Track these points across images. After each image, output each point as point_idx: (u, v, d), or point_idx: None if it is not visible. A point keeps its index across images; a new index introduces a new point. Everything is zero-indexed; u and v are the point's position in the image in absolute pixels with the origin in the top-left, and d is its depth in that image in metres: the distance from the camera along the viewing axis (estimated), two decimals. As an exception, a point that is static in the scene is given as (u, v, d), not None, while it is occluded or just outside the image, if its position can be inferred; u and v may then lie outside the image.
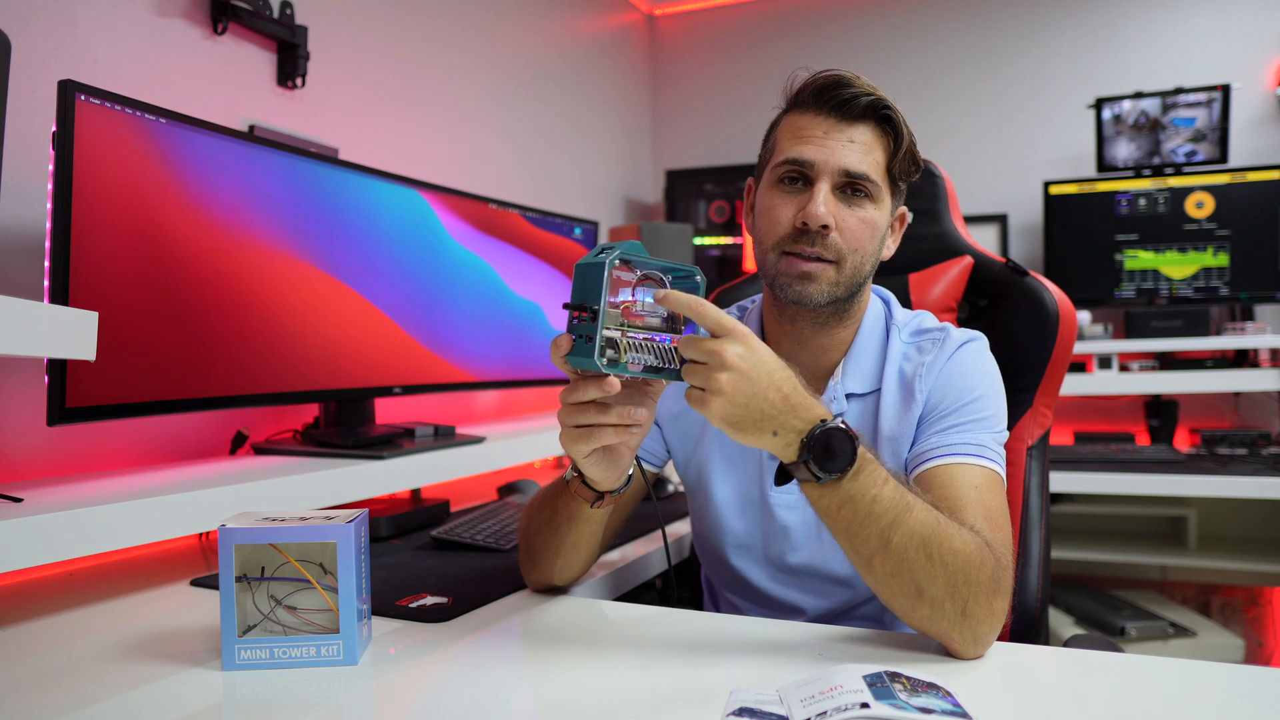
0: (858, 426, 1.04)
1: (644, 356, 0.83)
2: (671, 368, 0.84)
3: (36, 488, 1.19)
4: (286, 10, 1.76)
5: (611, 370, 0.81)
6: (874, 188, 0.99)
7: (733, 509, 1.12)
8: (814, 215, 0.96)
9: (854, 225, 0.98)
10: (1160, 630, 2.40)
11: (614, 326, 0.81)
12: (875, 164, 0.99)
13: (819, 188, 0.97)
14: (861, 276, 1.01)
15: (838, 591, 1.10)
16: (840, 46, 3.32)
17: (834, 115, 0.99)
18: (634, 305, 0.83)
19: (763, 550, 1.12)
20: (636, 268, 0.83)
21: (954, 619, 0.82)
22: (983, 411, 1.00)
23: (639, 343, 0.83)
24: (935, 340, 1.05)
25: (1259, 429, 2.67)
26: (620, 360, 0.81)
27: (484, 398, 2.37)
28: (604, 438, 0.85)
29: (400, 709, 0.79)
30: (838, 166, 0.97)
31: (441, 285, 1.77)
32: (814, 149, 0.98)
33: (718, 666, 0.86)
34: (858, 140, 0.99)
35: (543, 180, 2.75)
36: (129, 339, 1.20)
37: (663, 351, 0.84)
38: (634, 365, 0.82)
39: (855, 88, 0.99)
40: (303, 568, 0.87)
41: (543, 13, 2.78)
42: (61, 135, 1.10)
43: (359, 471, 1.40)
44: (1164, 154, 2.80)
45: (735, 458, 1.12)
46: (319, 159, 1.51)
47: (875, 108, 0.99)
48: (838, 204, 0.98)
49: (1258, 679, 0.82)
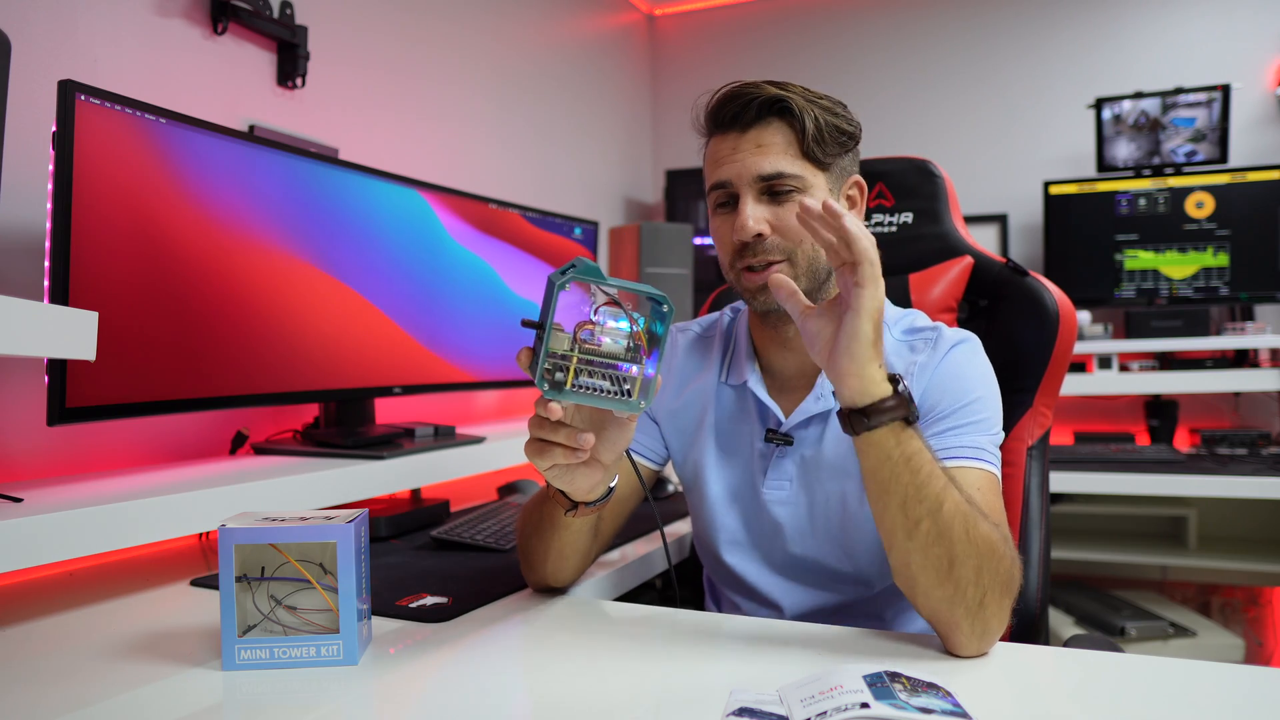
0: None
1: (595, 381, 0.80)
2: (623, 397, 0.81)
3: (36, 488, 1.19)
4: (286, 10, 1.76)
5: (553, 395, 0.79)
6: (795, 180, 1.00)
7: (725, 504, 1.12)
8: (741, 229, 0.99)
9: (790, 222, 0.99)
10: (1160, 630, 2.40)
11: (565, 349, 0.79)
12: (790, 157, 1.00)
13: (742, 201, 1.00)
14: (821, 262, 1.02)
15: (832, 588, 1.10)
16: (840, 46, 3.32)
17: (735, 129, 1.01)
18: (595, 328, 0.80)
19: (755, 546, 1.12)
20: (602, 289, 0.80)
21: (972, 606, 0.82)
22: (979, 414, 1.00)
23: (591, 368, 0.80)
24: (928, 340, 1.05)
25: (1259, 429, 2.67)
26: (565, 385, 0.79)
27: (484, 398, 2.37)
28: (554, 456, 0.84)
29: (400, 709, 0.79)
30: (751, 176, 1.00)
31: (441, 285, 1.77)
32: (727, 168, 1.01)
33: (718, 666, 0.86)
34: (765, 142, 1.00)
35: (543, 180, 2.75)
36: (129, 339, 1.20)
37: (617, 378, 0.81)
38: (580, 390, 0.80)
39: (744, 96, 1.00)
40: (303, 568, 0.87)
41: (543, 13, 2.78)
42: (61, 135, 1.10)
43: (359, 471, 1.40)
44: (1164, 154, 2.80)
45: (729, 453, 1.13)
46: (319, 159, 1.51)
47: (769, 106, 1.00)
48: (768, 207, 1.00)
49: (1258, 679, 0.82)
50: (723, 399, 1.14)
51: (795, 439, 1.07)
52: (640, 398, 0.81)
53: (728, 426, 1.13)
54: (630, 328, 0.81)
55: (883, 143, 3.18)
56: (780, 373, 1.10)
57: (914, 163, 1.47)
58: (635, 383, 0.81)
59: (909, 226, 1.46)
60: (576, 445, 0.83)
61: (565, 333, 0.79)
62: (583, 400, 0.80)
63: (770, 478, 1.09)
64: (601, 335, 0.81)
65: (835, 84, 3.33)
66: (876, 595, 1.10)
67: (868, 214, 1.49)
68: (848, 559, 1.07)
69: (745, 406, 1.12)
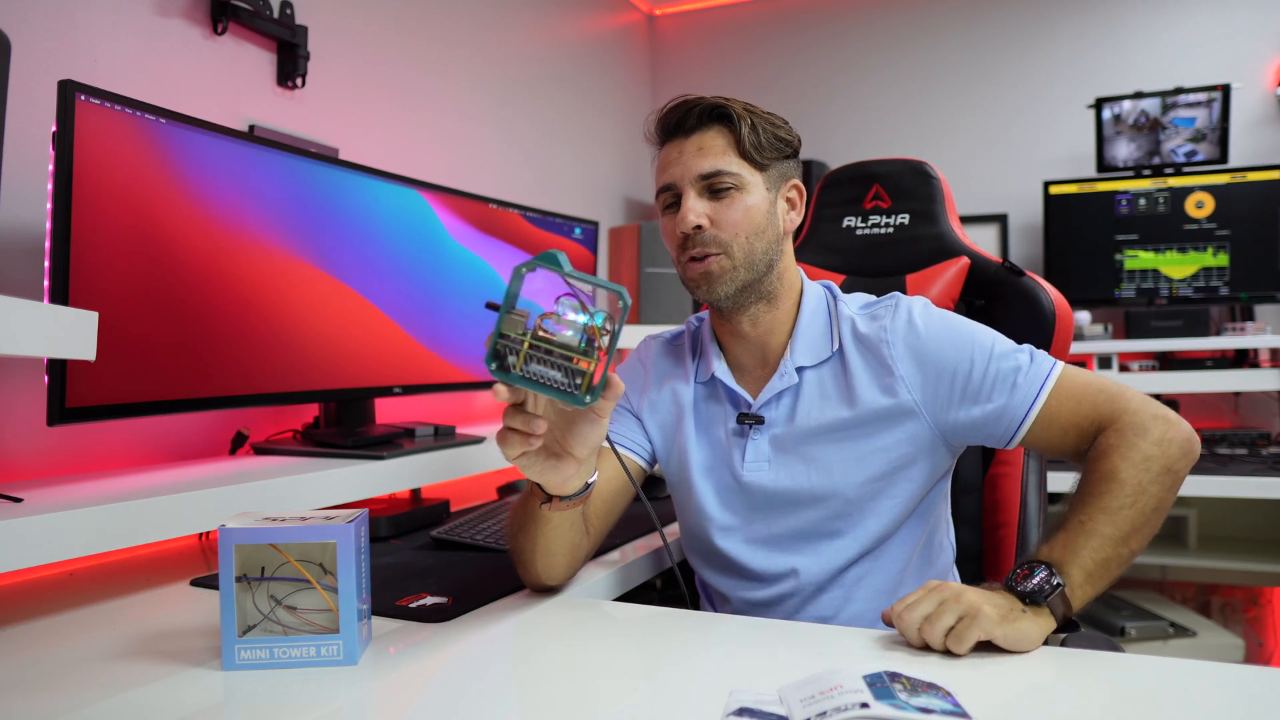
0: (825, 389, 1.11)
1: (545, 370, 0.80)
2: (570, 391, 0.81)
3: (36, 488, 1.19)
4: (286, 10, 1.76)
5: (499, 376, 0.80)
6: (733, 178, 1.07)
7: (711, 492, 1.16)
8: (682, 220, 1.07)
9: (729, 216, 1.07)
10: (1160, 630, 2.40)
11: (517, 334, 0.80)
12: (728, 158, 1.07)
13: (684, 198, 1.08)
14: (757, 255, 1.08)
15: (834, 551, 1.11)
16: (839, 46, 3.32)
17: (679, 136, 1.10)
18: (554, 318, 0.81)
19: (746, 527, 1.14)
20: (566, 278, 0.81)
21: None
22: (995, 344, 1.07)
23: (542, 356, 0.80)
24: (888, 307, 1.12)
25: (1259, 429, 2.67)
26: (513, 370, 0.80)
27: (484, 398, 2.37)
28: (514, 443, 0.86)
29: (400, 709, 0.79)
30: (692, 174, 1.08)
31: (441, 285, 1.77)
32: (672, 171, 1.09)
33: (718, 666, 0.86)
34: (706, 146, 1.08)
35: (543, 180, 2.75)
36: (129, 339, 1.20)
37: (570, 370, 0.81)
38: (528, 377, 0.80)
39: (687, 105, 1.09)
40: (303, 568, 0.87)
41: (543, 13, 2.78)
42: (61, 135, 1.10)
43: (359, 471, 1.40)
44: (1164, 154, 2.80)
45: (708, 442, 1.17)
46: (319, 159, 1.51)
47: (709, 113, 1.08)
48: (708, 203, 1.08)
49: (1258, 679, 0.82)
50: (698, 396, 1.19)
51: (766, 419, 1.12)
52: (587, 394, 0.81)
53: (705, 419, 1.18)
54: (586, 320, 0.81)
55: (882, 143, 3.19)
56: (744, 361, 1.16)
57: (910, 164, 1.47)
58: (586, 377, 0.81)
59: (905, 227, 1.46)
60: (527, 430, 0.84)
61: (520, 318, 0.80)
62: (528, 386, 0.81)
63: (749, 458, 1.13)
64: (560, 326, 0.81)
65: (835, 84, 3.34)
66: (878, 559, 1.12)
67: (864, 215, 1.50)
68: (842, 520, 1.10)
69: (716, 396, 1.18)
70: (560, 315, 0.81)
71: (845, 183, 1.51)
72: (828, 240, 1.51)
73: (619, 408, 1.23)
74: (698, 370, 1.20)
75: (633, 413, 1.23)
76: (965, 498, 1.38)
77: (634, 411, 1.23)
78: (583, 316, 0.81)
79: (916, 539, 1.14)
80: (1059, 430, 1.03)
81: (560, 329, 0.81)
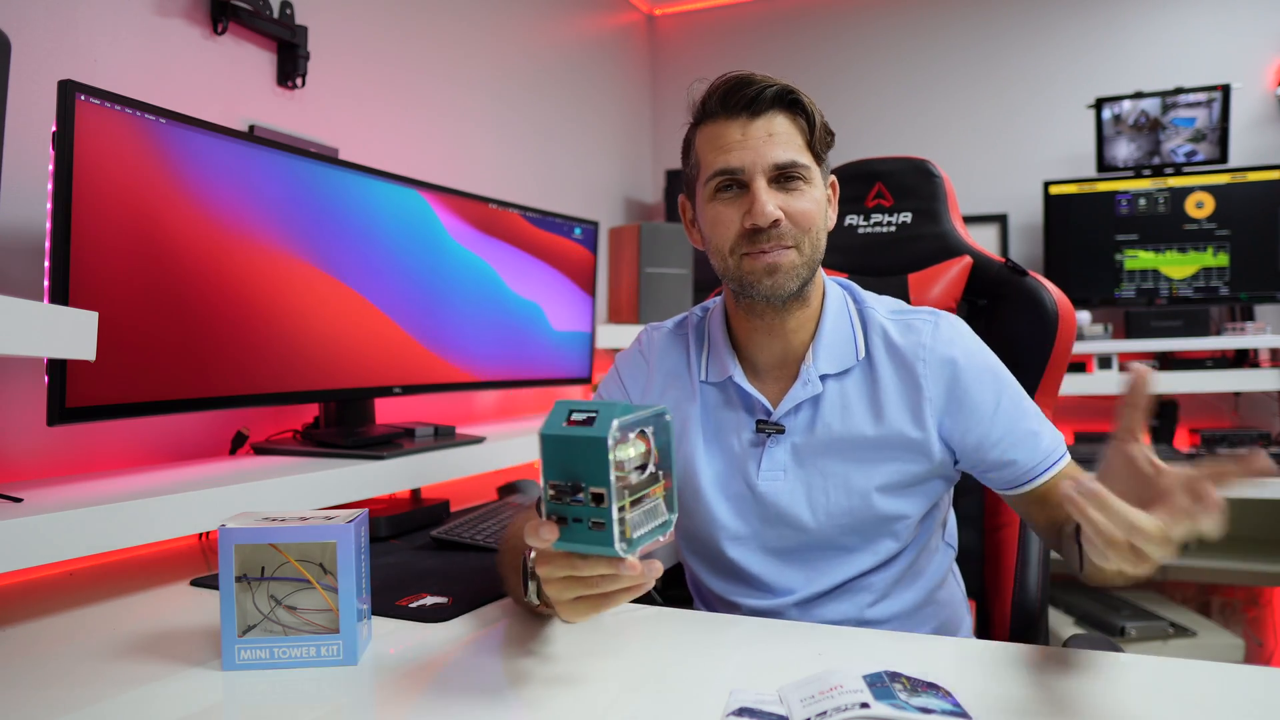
0: (848, 401, 1.06)
1: (644, 521, 0.76)
2: (668, 519, 0.78)
3: (36, 488, 1.19)
4: (286, 10, 1.76)
5: (627, 552, 0.72)
6: (805, 170, 1.02)
7: (722, 500, 1.11)
8: (762, 214, 0.99)
9: (800, 208, 1.02)
10: (1160, 630, 2.40)
11: (619, 503, 0.72)
12: (798, 147, 1.02)
13: (756, 187, 1.00)
14: (820, 252, 1.05)
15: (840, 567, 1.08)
16: (840, 47, 3.32)
17: (745, 114, 1.01)
18: (620, 469, 0.73)
19: (757, 537, 1.10)
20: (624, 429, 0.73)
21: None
22: (1025, 395, 1.06)
23: (641, 510, 0.75)
24: (926, 320, 1.07)
25: (1259, 429, 2.67)
26: (631, 538, 0.73)
27: (484, 398, 2.37)
28: (614, 601, 0.77)
29: (400, 709, 0.79)
30: (767, 163, 1.00)
31: (441, 285, 1.77)
32: (738, 154, 1.01)
33: (718, 666, 0.86)
34: (775, 131, 1.01)
35: (543, 180, 2.75)
36: (129, 339, 1.20)
37: (656, 507, 0.77)
38: (641, 540, 0.74)
39: (757, 83, 1.01)
40: (303, 568, 0.87)
41: (543, 13, 2.78)
42: (61, 135, 1.10)
43: (359, 471, 1.40)
44: (1164, 154, 2.80)
45: (719, 448, 1.11)
46: (319, 159, 1.51)
47: (781, 97, 1.01)
48: (778, 195, 1.01)
49: (1258, 679, 0.82)
50: (706, 396, 1.13)
51: (786, 427, 1.08)
52: (671, 512, 0.79)
53: (714, 423, 1.12)
54: (644, 447, 0.77)
55: (883, 142, 3.19)
56: (761, 362, 1.10)
57: (913, 162, 1.47)
58: (663, 497, 0.79)
59: (908, 226, 1.46)
60: (649, 580, 0.75)
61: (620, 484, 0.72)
62: (645, 543, 0.74)
63: (765, 467, 1.08)
64: (627, 471, 0.74)
65: (835, 84, 3.34)
66: (884, 567, 1.09)
67: (866, 214, 1.49)
68: (857, 536, 1.07)
69: (730, 400, 1.11)
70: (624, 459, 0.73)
71: (848, 181, 1.51)
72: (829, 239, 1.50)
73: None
74: (705, 368, 1.13)
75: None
76: (965, 498, 1.38)
77: None
78: (639, 445, 0.76)
79: (924, 543, 1.12)
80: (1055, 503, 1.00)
81: (629, 473, 0.74)
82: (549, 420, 0.73)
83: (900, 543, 1.08)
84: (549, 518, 0.73)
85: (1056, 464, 1.03)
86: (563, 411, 0.73)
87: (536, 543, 0.74)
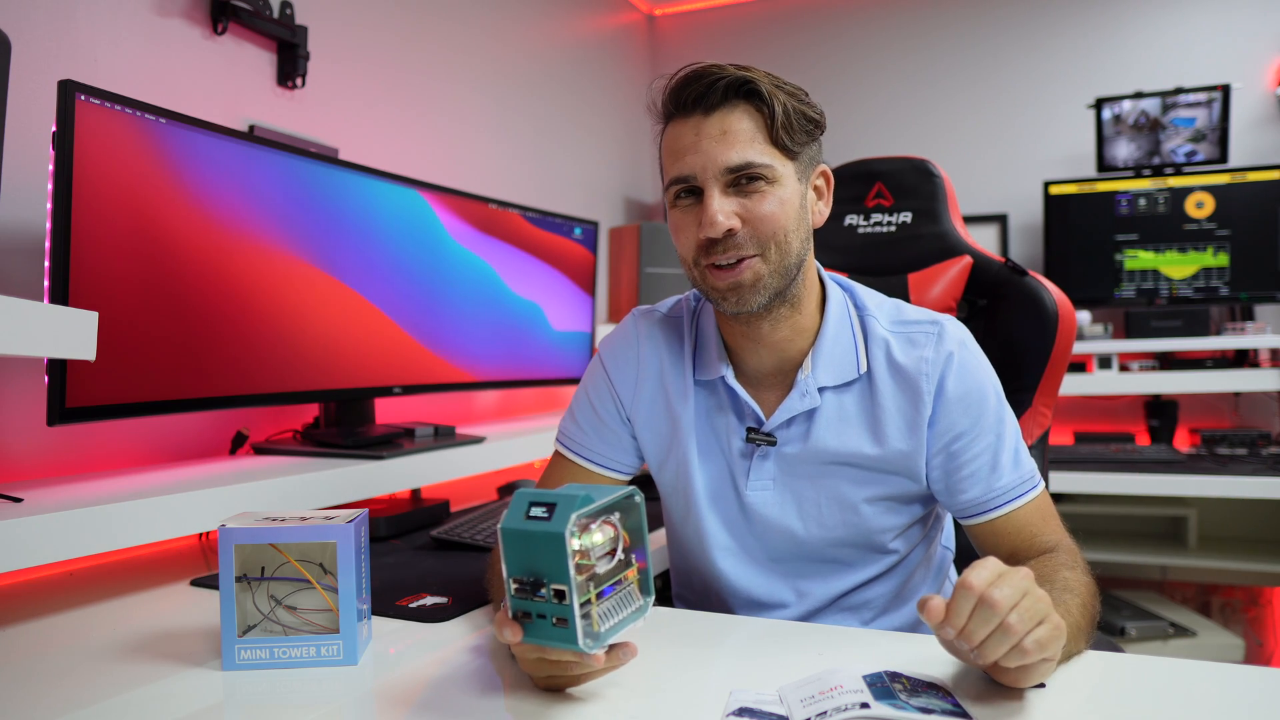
0: (846, 416, 1.01)
1: (616, 610, 0.74)
2: (642, 604, 0.77)
3: (36, 488, 1.19)
4: (286, 10, 1.76)
5: (593, 648, 0.70)
6: (764, 169, 0.93)
7: (716, 519, 1.07)
8: (711, 225, 0.92)
9: (761, 213, 0.93)
10: (1160, 630, 2.40)
11: (582, 597, 0.70)
12: (758, 146, 0.93)
13: (708, 195, 0.93)
14: (792, 257, 0.96)
15: (830, 577, 1.07)
16: (840, 47, 3.32)
17: (698, 112, 0.94)
18: (585, 558, 0.71)
19: (744, 549, 1.08)
20: (585, 519, 0.71)
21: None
22: (1007, 426, 1.01)
23: (607, 601, 0.73)
24: (928, 333, 1.01)
25: (1259, 429, 2.67)
26: (598, 631, 0.71)
27: (484, 398, 2.37)
28: (589, 679, 0.78)
29: (400, 709, 0.79)
30: (718, 167, 0.92)
31: (441, 285, 1.77)
32: (690, 159, 0.94)
33: (718, 666, 0.86)
34: (730, 129, 0.92)
35: (543, 180, 2.75)
36: (129, 339, 1.20)
37: (629, 593, 0.75)
38: (613, 630, 0.73)
39: (708, 77, 0.93)
40: (303, 568, 0.87)
41: (543, 13, 2.78)
42: (61, 135, 1.10)
43: (359, 471, 1.40)
44: (1164, 154, 2.79)
45: (709, 454, 1.07)
46: (319, 159, 1.51)
47: (735, 87, 0.93)
48: (736, 199, 0.93)
49: (1258, 679, 0.82)
50: (699, 397, 1.07)
51: (778, 439, 1.02)
52: (646, 595, 0.77)
53: (708, 427, 1.07)
54: (612, 532, 0.74)
55: (882, 142, 3.19)
56: (754, 370, 1.04)
57: (913, 162, 1.47)
58: (644, 577, 0.77)
59: (908, 226, 1.46)
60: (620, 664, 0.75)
61: (581, 577, 0.70)
62: (618, 632, 0.73)
63: (753, 478, 1.04)
64: (592, 560, 0.72)
65: (835, 84, 3.34)
66: (879, 580, 1.08)
67: (866, 214, 1.49)
68: (850, 549, 1.06)
69: (721, 404, 1.06)
70: (586, 548, 0.71)
71: (847, 181, 1.51)
72: (829, 239, 1.51)
73: (602, 419, 1.10)
74: (697, 367, 1.07)
75: (622, 418, 1.11)
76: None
77: (623, 416, 1.11)
78: (608, 531, 0.74)
79: (922, 553, 1.11)
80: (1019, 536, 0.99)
81: (595, 562, 0.72)
82: (508, 513, 0.71)
83: (894, 556, 1.07)
84: (514, 615, 0.71)
85: (1017, 500, 0.99)
86: (523, 503, 0.71)
87: (502, 640, 0.72)
